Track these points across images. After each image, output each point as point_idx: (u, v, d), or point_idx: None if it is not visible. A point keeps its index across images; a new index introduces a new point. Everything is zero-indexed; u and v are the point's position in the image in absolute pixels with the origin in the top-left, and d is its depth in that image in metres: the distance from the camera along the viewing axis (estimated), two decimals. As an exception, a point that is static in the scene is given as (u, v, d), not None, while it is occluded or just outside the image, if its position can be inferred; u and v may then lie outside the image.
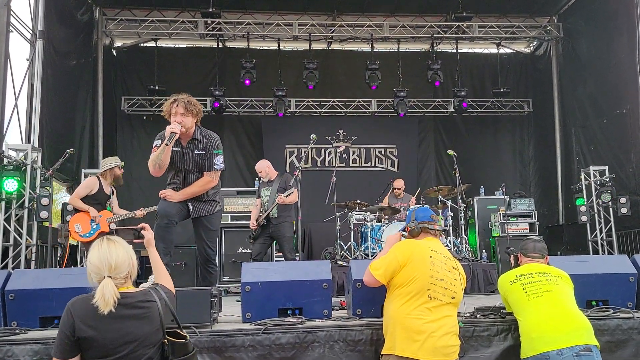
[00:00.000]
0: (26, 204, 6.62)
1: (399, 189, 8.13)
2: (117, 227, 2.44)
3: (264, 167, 6.14)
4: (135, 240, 2.57)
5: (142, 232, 2.57)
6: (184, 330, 2.33)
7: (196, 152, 3.98)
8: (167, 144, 3.76)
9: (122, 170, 5.90)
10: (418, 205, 7.13)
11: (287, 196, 5.69)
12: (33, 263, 6.65)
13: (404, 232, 3.19)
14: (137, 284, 2.36)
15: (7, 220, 6.57)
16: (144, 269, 5.41)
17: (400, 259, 2.87)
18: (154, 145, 3.95)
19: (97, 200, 5.66)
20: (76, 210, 5.67)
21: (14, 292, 3.23)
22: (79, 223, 5.59)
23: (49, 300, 3.24)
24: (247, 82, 9.83)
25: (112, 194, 5.81)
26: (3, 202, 6.48)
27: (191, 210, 3.99)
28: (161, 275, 2.50)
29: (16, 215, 6.66)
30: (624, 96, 8.51)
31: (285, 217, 5.85)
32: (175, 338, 2.25)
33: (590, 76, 9.56)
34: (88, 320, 2.06)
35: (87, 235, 5.55)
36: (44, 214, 6.60)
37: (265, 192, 6.01)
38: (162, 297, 2.23)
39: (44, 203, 6.60)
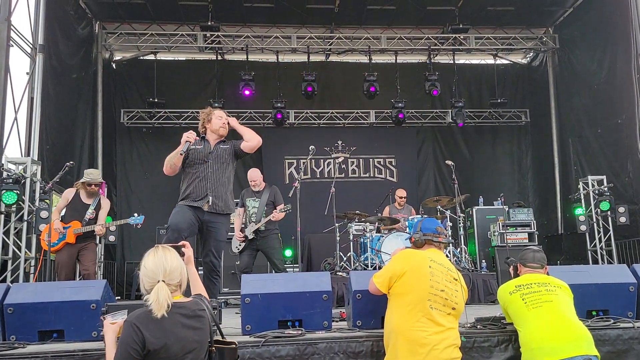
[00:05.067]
0: (25, 217, 6.62)
1: (401, 197, 8.13)
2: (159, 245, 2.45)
3: (259, 177, 6.09)
4: None
5: (183, 249, 2.59)
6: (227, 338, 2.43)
7: (222, 146, 4.33)
8: (181, 154, 4.08)
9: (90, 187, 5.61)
10: (425, 216, 7.15)
11: (279, 212, 5.71)
12: (32, 276, 6.63)
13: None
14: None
15: (6, 233, 6.57)
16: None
17: (397, 268, 2.89)
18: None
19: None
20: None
21: (12, 306, 3.22)
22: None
23: (47, 313, 3.23)
24: (247, 92, 9.86)
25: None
26: (2, 215, 6.48)
27: (210, 202, 4.13)
28: (200, 289, 2.63)
29: (15, 228, 6.65)
30: (620, 106, 8.56)
31: (273, 230, 5.87)
32: (224, 344, 2.32)
33: (586, 86, 9.63)
34: (156, 332, 2.07)
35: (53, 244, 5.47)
36: (42, 227, 6.58)
37: (253, 203, 5.95)
38: (208, 306, 2.32)
39: (43, 216, 6.59)
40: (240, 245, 5.90)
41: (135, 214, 5.85)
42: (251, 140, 4.29)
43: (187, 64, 11.25)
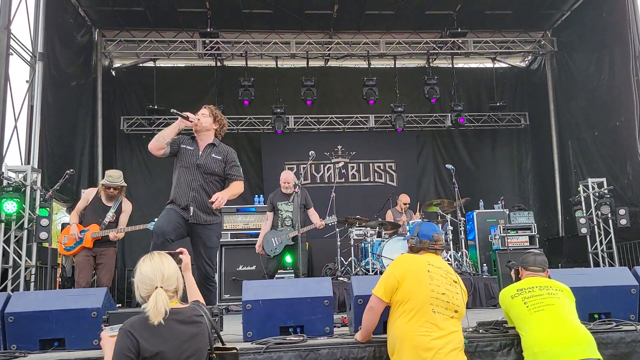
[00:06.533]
0: (25, 225, 6.61)
1: (405, 203, 8.14)
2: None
3: (292, 180, 5.89)
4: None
5: (181, 256, 2.57)
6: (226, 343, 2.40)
7: (213, 155, 4.09)
8: (174, 111, 3.95)
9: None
10: (425, 220, 7.12)
11: (324, 221, 5.69)
12: (32, 284, 6.62)
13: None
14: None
15: (7, 241, 6.56)
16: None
17: (397, 274, 2.87)
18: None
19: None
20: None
21: (13, 315, 3.21)
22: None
23: (48, 322, 3.22)
24: (246, 102, 9.95)
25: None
26: (2, 224, 6.47)
27: (191, 214, 3.95)
28: (197, 295, 2.60)
29: (15, 236, 6.64)
30: (618, 108, 8.57)
31: (303, 234, 5.80)
32: (224, 350, 2.30)
33: (584, 89, 9.65)
34: (151, 339, 2.04)
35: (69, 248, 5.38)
36: (43, 235, 6.58)
37: (286, 207, 5.82)
38: (206, 312, 2.29)
39: (44, 224, 6.58)
40: (276, 249, 5.77)
41: (156, 219, 5.62)
42: (237, 195, 4.13)
43: (186, 71, 11.29)
